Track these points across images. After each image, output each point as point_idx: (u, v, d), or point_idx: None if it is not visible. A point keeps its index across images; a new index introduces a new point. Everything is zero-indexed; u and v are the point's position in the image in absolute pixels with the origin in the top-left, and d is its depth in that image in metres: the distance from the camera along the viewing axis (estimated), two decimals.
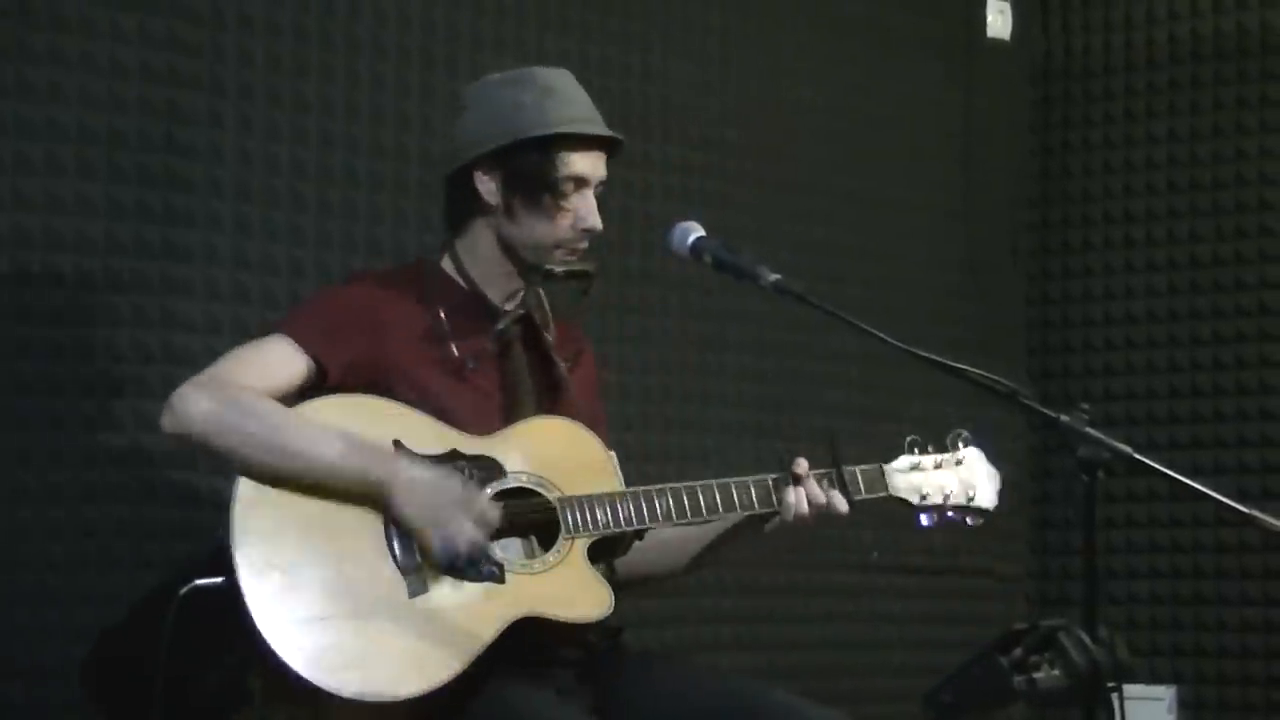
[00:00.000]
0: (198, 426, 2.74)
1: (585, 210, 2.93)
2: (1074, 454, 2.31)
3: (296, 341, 2.84)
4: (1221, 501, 2.38)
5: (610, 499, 2.86)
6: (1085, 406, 2.33)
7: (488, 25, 4.07)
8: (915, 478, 3.05)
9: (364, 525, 2.73)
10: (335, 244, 3.78)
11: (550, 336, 3.03)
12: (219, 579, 2.69)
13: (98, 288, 3.43)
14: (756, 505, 2.94)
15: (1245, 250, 4.93)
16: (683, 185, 4.42)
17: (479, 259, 2.98)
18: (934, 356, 2.51)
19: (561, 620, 2.78)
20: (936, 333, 4.69)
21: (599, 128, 2.97)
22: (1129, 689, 2.28)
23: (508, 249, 2.96)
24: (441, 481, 2.73)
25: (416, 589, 2.72)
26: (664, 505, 2.87)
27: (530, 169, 2.91)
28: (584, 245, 2.95)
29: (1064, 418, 2.33)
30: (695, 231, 2.83)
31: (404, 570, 2.73)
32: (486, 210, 2.95)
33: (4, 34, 3.34)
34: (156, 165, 3.51)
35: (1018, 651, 2.25)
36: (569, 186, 2.92)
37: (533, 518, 2.83)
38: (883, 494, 3.03)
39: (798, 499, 2.93)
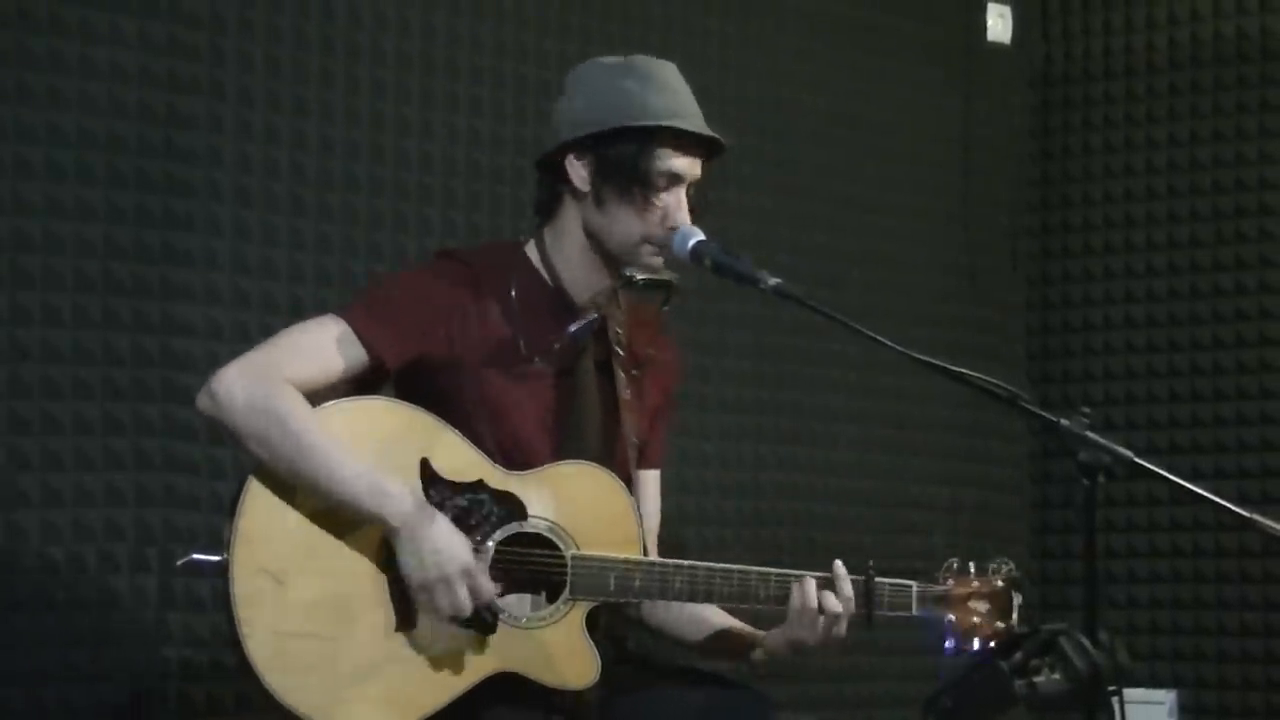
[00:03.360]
0: (230, 420, 2.67)
1: (675, 208, 2.84)
2: (1074, 458, 2.30)
3: (356, 331, 2.75)
4: (1222, 505, 2.38)
5: (624, 567, 2.78)
6: (1085, 410, 2.33)
7: (487, 30, 4.07)
8: (944, 606, 2.95)
9: (369, 543, 2.69)
10: (335, 248, 3.78)
11: (621, 348, 2.93)
12: (216, 557, 2.65)
13: (97, 291, 3.43)
14: (770, 602, 2.85)
15: (1245, 254, 4.93)
16: None
17: (564, 249, 2.90)
18: (934, 360, 2.51)
19: (540, 683, 2.74)
20: (936, 337, 4.70)
21: (703, 127, 2.86)
22: (1129, 693, 2.28)
23: (593, 239, 2.87)
24: (448, 546, 2.67)
25: (405, 622, 2.69)
26: (678, 584, 2.80)
27: (626, 159, 2.82)
28: (670, 245, 2.83)
29: (1064, 421, 2.33)
30: (695, 235, 2.81)
31: (396, 600, 2.68)
32: (577, 196, 2.87)
33: (4, 39, 3.34)
34: (156, 170, 3.52)
35: (1018, 656, 2.25)
36: (662, 182, 2.82)
37: (541, 570, 2.76)
38: (905, 613, 2.93)
39: (806, 599, 2.83)
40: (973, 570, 2.96)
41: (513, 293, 2.86)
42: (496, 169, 4.05)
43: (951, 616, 2.94)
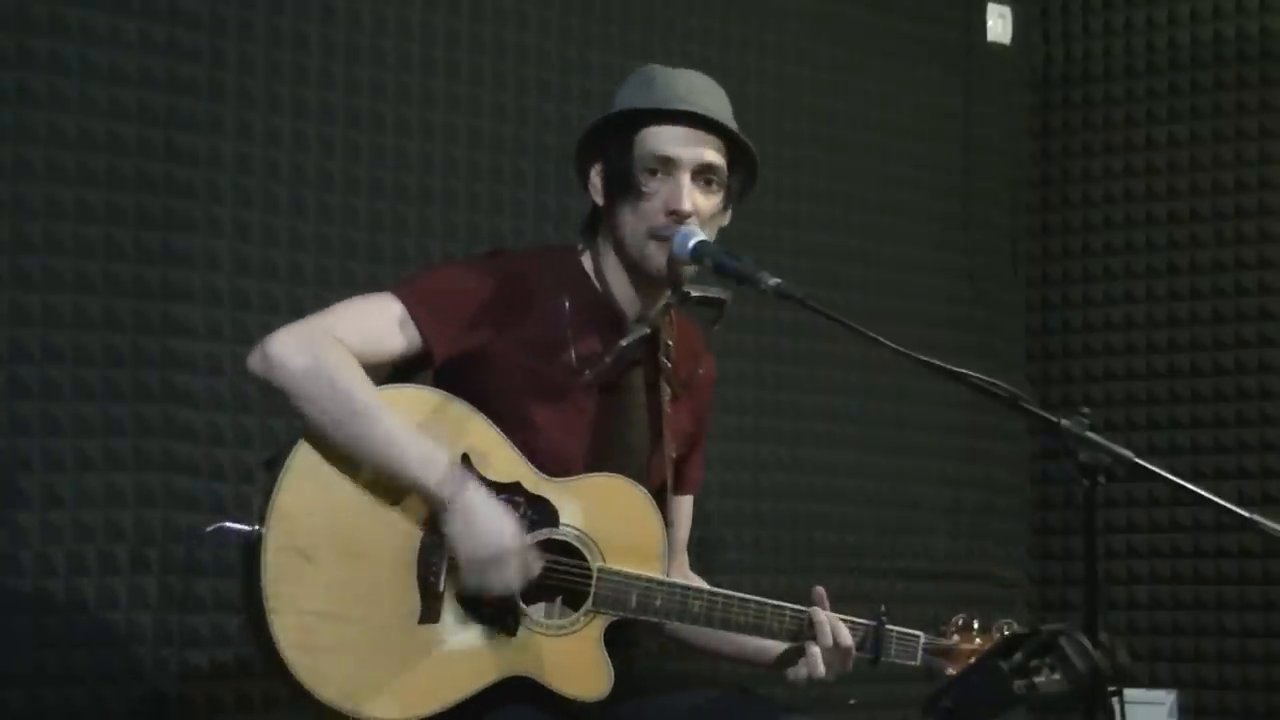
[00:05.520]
0: (283, 381, 2.65)
1: (671, 192, 2.81)
2: (1074, 458, 2.30)
3: (412, 315, 2.75)
4: (1222, 506, 2.38)
5: (646, 585, 2.79)
6: (1085, 411, 2.33)
7: (487, 31, 4.07)
8: (946, 659, 2.99)
9: (402, 531, 2.69)
10: (335, 249, 3.78)
11: (670, 360, 2.94)
12: (250, 527, 2.64)
13: (97, 292, 3.43)
14: (787, 636, 2.89)
15: (1245, 255, 4.93)
16: None
17: (609, 263, 2.90)
18: (935, 361, 2.51)
19: (554, 691, 2.74)
20: (936, 337, 4.70)
21: (684, 105, 2.84)
22: (1129, 693, 2.27)
23: (619, 252, 2.87)
24: (500, 520, 2.67)
25: (429, 615, 2.69)
26: (696, 609, 2.82)
27: (614, 154, 2.84)
28: (674, 231, 2.80)
29: (1064, 422, 2.32)
30: (696, 236, 2.81)
31: (423, 591, 2.69)
32: (602, 211, 2.89)
33: (4, 39, 3.34)
34: (156, 170, 3.52)
35: (1018, 656, 2.25)
36: (652, 166, 2.82)
37: (566, 578, 2.77)
38: (911, 663, 2.98)
39: (822, 639, 2.88)
40: (977, 627, 3.00)
41: (566, 302, 2.86)
42: (496, 169, 4.04)
43: (952, 670, 2.98)
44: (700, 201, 2.84)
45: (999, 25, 5.22)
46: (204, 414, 3.54)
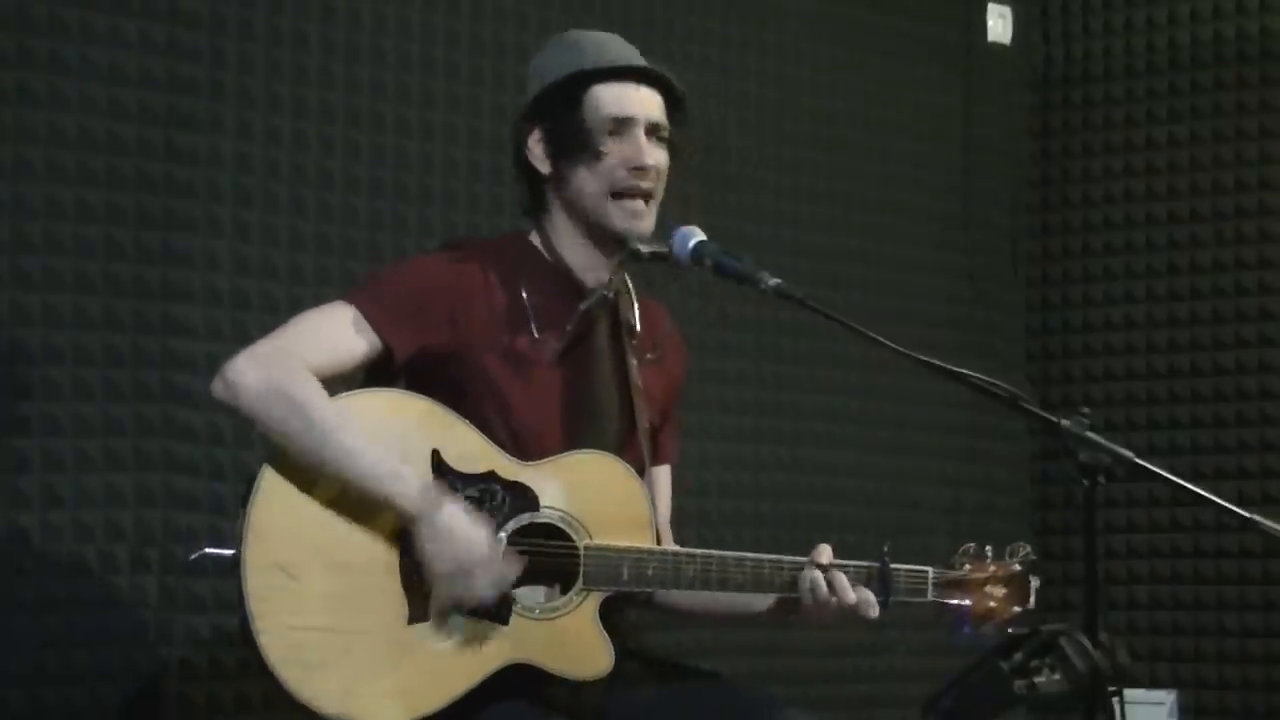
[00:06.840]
0: (245, 404, 2.65)
1: (631, 149, 2.83)
2: (1074, 459, 2.30)
3: (366, 318, 2.74)
4: (1222, 506, 2.38)
5: (637, 556, 2.78)
6: (1085, 411, 2.33)
7: (486, 30, 4.07)
8: (960, 591, 2.94)
9: (381, 535, 2.68)
10: (335, 249, 3.78)
11: (635, 327, 2.94)
12: (229, 551, 2.64)
13: (97, 292, 3.43)
14: (785, 589, 2.85)
15: (1245, 255, 4.94)
16: (683, 190, 4.41)
17: (561, 237, 2.89)
18: (935, 361, 2.51)
19: (554, 674, 2.74)
20: (936, 337, 4.70)
21: (627, 61, 2.86)
22: (1130, 693, 2.28)
23: (576, 219, 2.87)
24: (471, 534, 2.65)
25: (418, 614, 2.68)
26: (691, 573, 2.80)
27: (561, 118, 2.84)
28: (645, 185, 2.83)
29: (1064, 422, 2.32)
30: (696, 236, 2.81)
31: (409, 591, 2.68)
32: (548, 182, 2.89)
33: (4, 39, 3.34)
34: (156, 170, 3.52)
35: (1018, 656, 2.25)
36: (606, 127, 2.83)
37: (554, 561, 2.76)
38: (921, 600, 2.92)
39: (816, 586, 2.82)
40: (989, 554, 2.94)
41: (522, 280, 2.86)
42: (497, 170, 4.04)
43: (968, 601, 2.92)
44: (659, 157, 2.86)
45: (999, 25, 5.23)
46: (204, 414, 3.53)
